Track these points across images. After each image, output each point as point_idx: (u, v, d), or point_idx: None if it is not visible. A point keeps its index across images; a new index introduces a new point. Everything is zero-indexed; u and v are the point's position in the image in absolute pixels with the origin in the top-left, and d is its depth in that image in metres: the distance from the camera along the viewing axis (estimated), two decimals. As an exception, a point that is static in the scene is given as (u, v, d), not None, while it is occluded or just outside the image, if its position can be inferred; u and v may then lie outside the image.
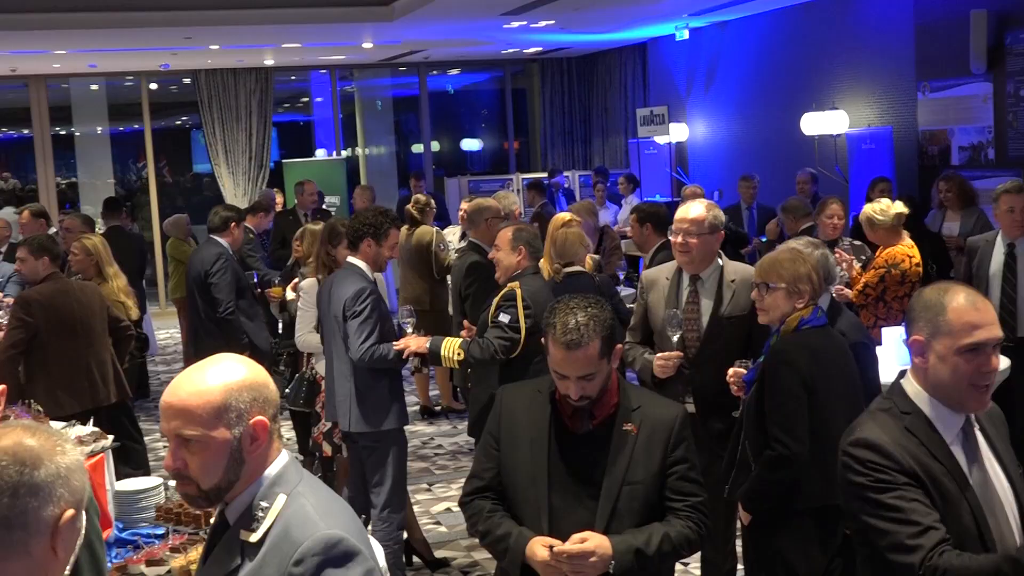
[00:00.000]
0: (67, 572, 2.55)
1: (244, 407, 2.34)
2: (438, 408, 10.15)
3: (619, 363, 3.51)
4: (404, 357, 5.64)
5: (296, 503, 2.36)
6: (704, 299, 5.10)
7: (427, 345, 5.67)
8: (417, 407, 10.08)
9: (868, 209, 7.15)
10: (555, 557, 3.21)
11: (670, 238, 5.24)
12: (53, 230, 10.01)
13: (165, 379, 12.34)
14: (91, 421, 5.47)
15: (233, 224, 8.44)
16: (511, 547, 3.32)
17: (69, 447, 2.00)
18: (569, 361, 3.28)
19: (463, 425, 9.64)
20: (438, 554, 6.61)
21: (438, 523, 7.31)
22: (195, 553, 4.16)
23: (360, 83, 19.85)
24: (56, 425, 5.07)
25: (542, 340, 3.42)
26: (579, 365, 3.28)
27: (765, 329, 4.99)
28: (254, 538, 2.33)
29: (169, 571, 4.18)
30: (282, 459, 2.44)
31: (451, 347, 5.63)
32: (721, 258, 5.18)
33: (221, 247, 8.30)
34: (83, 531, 2.59)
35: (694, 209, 5.13)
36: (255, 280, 8.98)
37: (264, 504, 2.36)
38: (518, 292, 5.56)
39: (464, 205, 10.26)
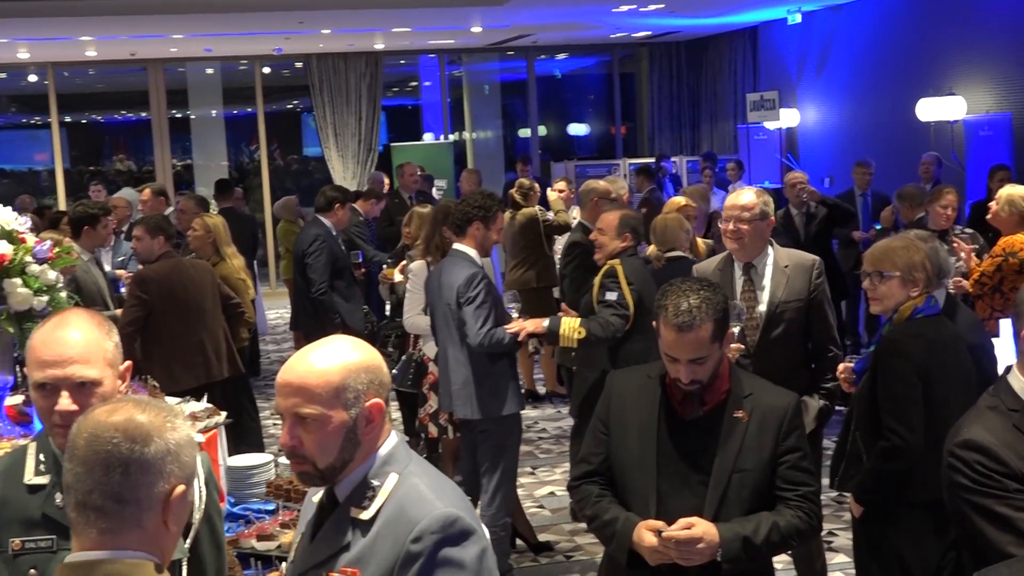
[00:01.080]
0: (186, 545, 2.63)
1: (362, 388, 2.37)
2: (542, 392, 10.16)
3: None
4: (520, 340, 5.65)
5: (408, 482, 2.38)
6: (759, 288, 5.04)
7: (545, 324, 5.67)
8: (522, 391, 10.09)
9: (1014, 191, 6.90)
10: (662, 542, 3.19)
11: (720, 226, 5.20)
12: (170, 210, 10.25)
13: (275, 358, 12.58)
14: (205, 397, 5.58)
15: (338, 205, 8.57)
16: (618, 532, 3.31)
17: (180, 423, 2.03)
18: (680, 344, 3.26)
19: (567, 409, 9.65)
20: (541, 537, 6.63)
21: (541, 507, 7.33)
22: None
23: (468, 67, 19.92)
24: (171, 401, 5.19)
25: (653, 323, 3.40)
26: (690, 348, 3.25)
27: (822, 315, 4.95)
28: (366, 515, 2.36)
29: (279, 546, 4.26)
30: (392, 439, 2.47)
31: (570, 326, 5.61)
32: (772, 245, 5.12)
33: (322, 228, 8.43)
34: (201, 505, 2.66)
35: (744, 196, 5.09)
36: (359, 259, 9.08)
37: (375, 483, 2.38)
38: (619, 269, 5.56)
39: (558, 185, 10.29)
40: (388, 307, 8.73)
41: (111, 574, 1.89)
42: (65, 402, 2.54)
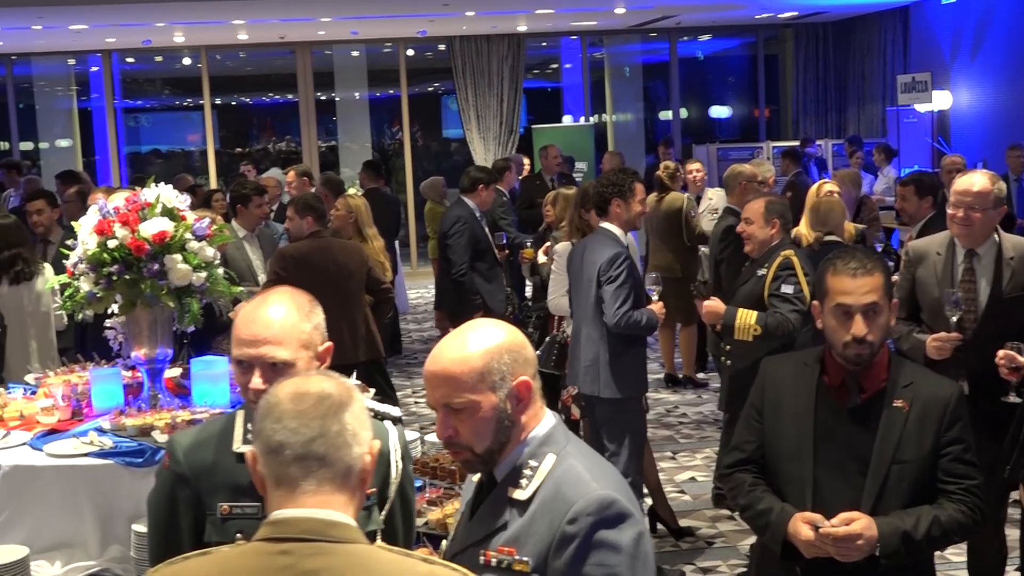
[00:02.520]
0: (381, 517, 2.74)
1: (506, 369, 2.37)
2: (681, 376, 10.06)
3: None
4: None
5: (566, 463, 2.38)
6: (981, 277, 4.77)
7: (722, 314, 5.61)
8: (661, 375, 10.04)
9: None
10: (820, 537, 3.12)
11: (948, 211, 4.93)
12: (312, 190, 10.45)
13: (416, 337, 12.75)
14: (354, 374, 5.67)
15: (482, 186, 8.60)
16: (772, 522, 3.25)
17: (359, 395, 2.09)
18: (856, 288, 3.18)
19: (708, 395, 9.56)
20: (682, 523, 6.58)
21: (682, 492, 7.27)
22: (451, 507, 4.28)
23: (610, 49, 19.81)
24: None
25: (815, 303, 3.33)
26: (866, 292, 3.18)
27: None
28: (523, 496, 2.36)
29: (427, 523, 4.32)
30: (549, 420, 2.47)
31: (746, 319, 5.53)
32: (998, 233, 4.85)
33: (465, 209, 8.48)
34: (397, 478, 2.79)
35: (978, 181, 4.76)
36: (504, 241, 9.12)
37: (533, 463, 2.39)
38: (795, 260, 5.45)
39: (692, 167, 10.16)
40: (530, 289, 8.77)
41: (307, 530, 1.96)
42: (257, 381, 2.63)
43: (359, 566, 1.95)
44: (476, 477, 2.53)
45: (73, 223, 4.83)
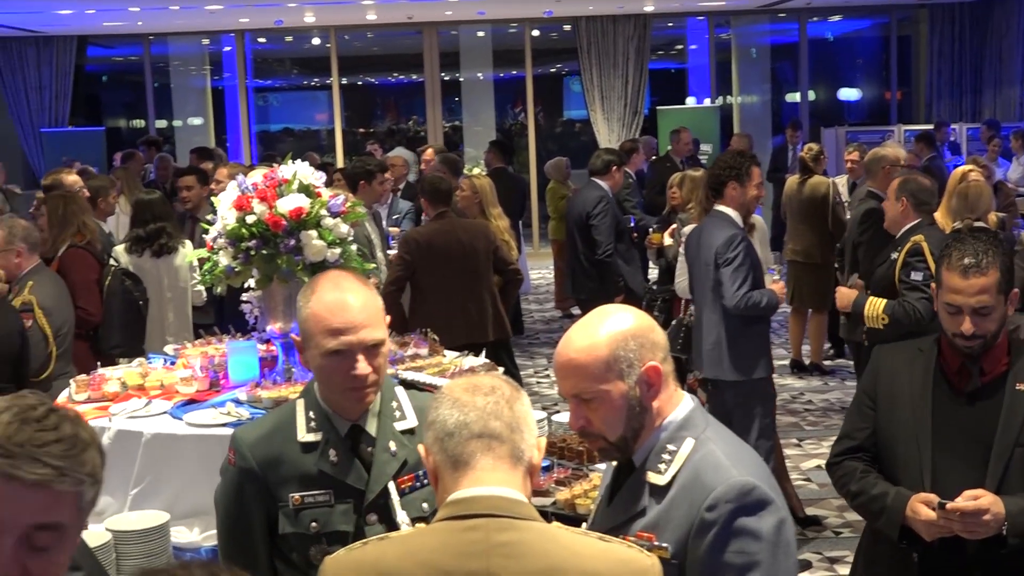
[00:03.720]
0: None
1: (633, 356, 2.35)
2: (808, 363, 9.90)
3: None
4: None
5: (705, 448, 2.35)
6: None
7: (851, 301, 5.54)
8: (787, 361, 9.89)
9: None
10: (944, 515, 3.04)
11: None
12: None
13: (537, 317, 12.78)
14: (483, 353, 5.70)
15: (614, 168, 8.57)
16: (888, 506, 3.19)
17: (524, 393, 2.19)
18: (966, 288, 3.12)
19: (835, 383, 9.41)
20: (809, 511, 6.49)
21: (808, 480, 7.17)
22: (579, 487, 4.27)
23: (737, 30, 19.53)
24: (450, 355, 5.34)
25: (932, 286, 3.26)
26: (976, 292, 3.11)
27: None
28: (662, 481, 2.34)
29: (554, 503, 4.32)
30: (687, 404, 2.44)
31: (875, 308, 5.45)
32: None
33: (602, 190, 8.45)
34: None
35: None
36: (631, 224, 9.07)
37: (671, 448, 2.37)
38: (924, 246, 5.33)
39: (850, 156, 9.92)
40: (658, 272, 8.71)
41: (493, 506, 2.01)
42: (363, 366, 2.64)
43: (546, 540, 2.00)
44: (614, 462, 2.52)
45: (213, 199, 4.94)
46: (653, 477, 2.36)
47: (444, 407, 2.09)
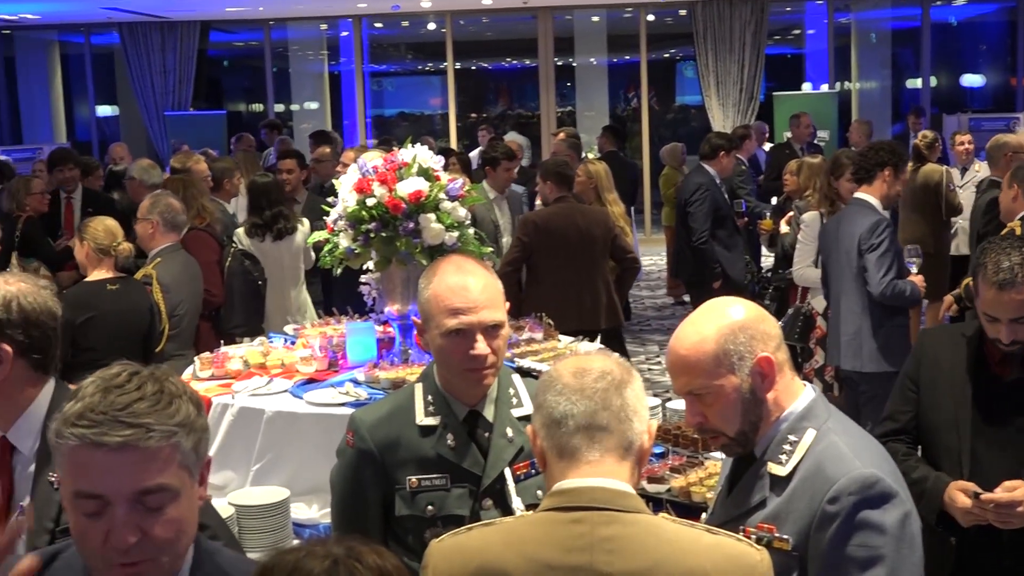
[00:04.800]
0: None
1: (743, 348, 2.32)
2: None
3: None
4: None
5: (827, 439, 2.32)
6: None
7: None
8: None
9: None
10: (978, 504, 3.03)
11: None
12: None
13: (648, 304, 12.72)
14: (598, 338, 5.69)
15: (722, 153, 8.47)
16: (928, 491, 3.17)
17: (635, 373, 2.13)
18: (1000, 302, 3.08)
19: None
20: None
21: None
22: (694, 475, 4.24)
23: (857, 14, 19.13)
24: (565, 340, 5.34)
25: (969, 283, 3.20)
26: (1011, 307, 3.07)
27: None
28: (782, 472, 2.32)
29: (668, 489, 4.30)
30: (808, 394, 2.41)
31: None
32: None
33: (706, 176, 8.37)
34: None
35: None
36: (743, 209, 8.96)
37: (792, 438, 2.34)
38: (1019, 232, 5.19)
39: (961, 138, 9.67)
40: (768, 260, 8.60)
41: (597, 499, 1.99)
42: (482, 346, 2.66)
43: (651, 535, 1.97)
44: None
45: (334, 181, 5.01)
46: (774, 468, 2.33)
47: (551, 392, 2.07)
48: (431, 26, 18.49)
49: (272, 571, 1.61)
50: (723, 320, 2.34)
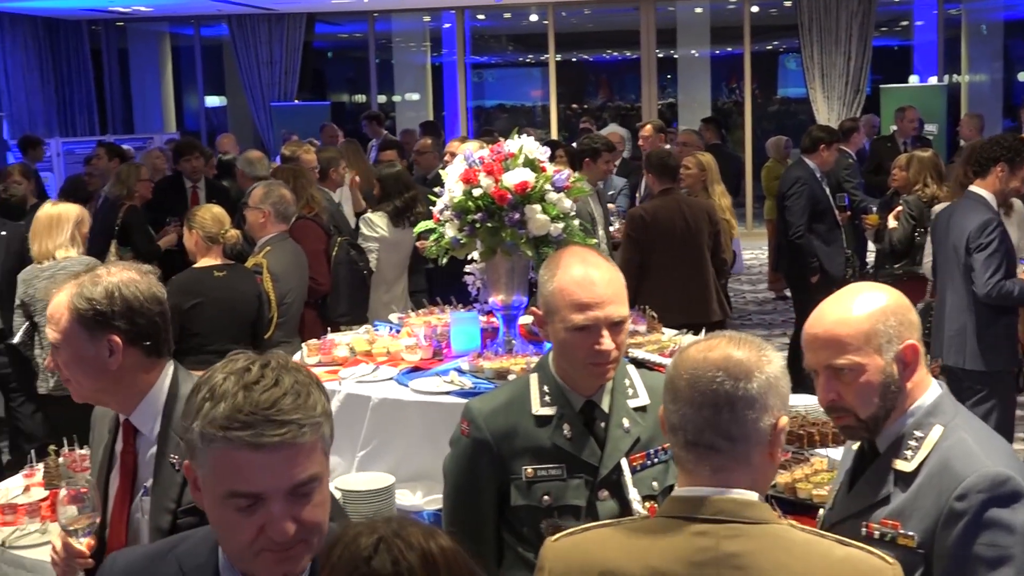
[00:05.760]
0: None
1: (892, 332, 2.29)
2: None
3: None
4: None
5: (955, 436, 2.28)
6: None
7: None
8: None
9: None
10: None
11: None
12: (667, 146, 10.45)
13: (750, 298, 12.58)
14: (703, 331, 5.65)
15: (823, 146, 8.35)
16: None
17: (773, 355, 2.05)
18: None
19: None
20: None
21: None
22: (799, 471, 4.20)
23: (968, 5, 18.67)
24: (669, 333, 5.32)
25: None
26: None
27: None
28: (908, 468, 2.28)
29: (774, 485, 4.26)
30: (935, 390, 2.37)
31: None
32: None
33: (805, 170, 8.26)
34: None
35: None
36: (845, 203, 8.82)
37: (918, 434, 2.30)
38: None
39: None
40: (873, 255, 8.46)
41: (722, 510, 1.94)
42: (607, 342, 2.65)
43: (778, 548, 1.91)
44: (855, 446, 2.46)
45: (440, 171, 5.04)
46: (899, 464, 2.30)
47: (667, 397, 2.04)
48: (533, 17, 18.50)
49: (335, 545, 1.62)
50: (876, 301, 2.33)
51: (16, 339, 5.84)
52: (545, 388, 2.77)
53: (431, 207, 4.89)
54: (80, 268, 3.15)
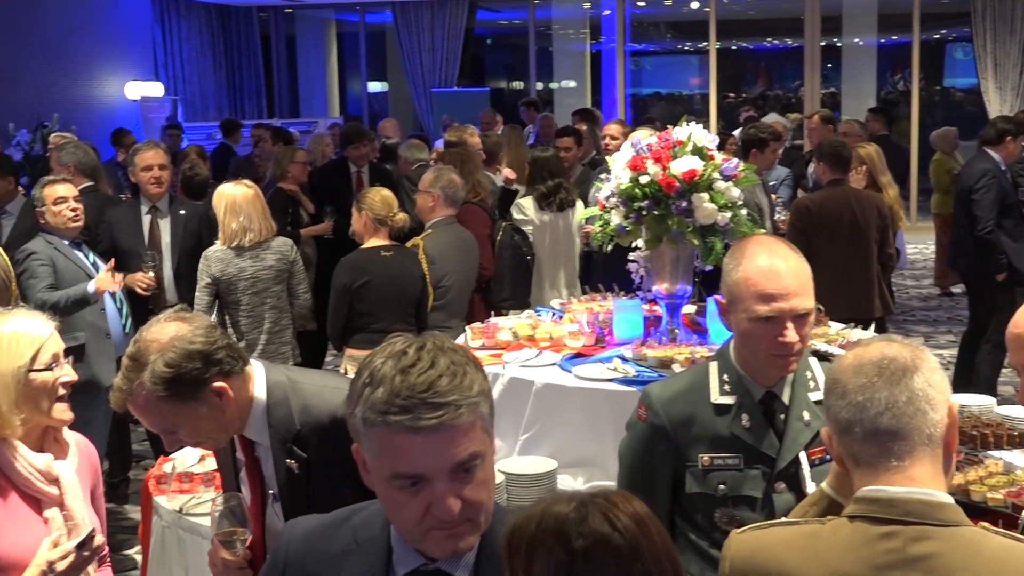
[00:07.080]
0: None
1: None
2: None
3: None
4: None
5: None
6: None
7: None
8: None
9: None
10: None
11: None
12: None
13: (913, 294, 12.25)
14: (872, 327, 5.54)
15: (1009, 138, 8.05)
16: None
17: (927, 354, 1.96)
18: None
19: None
20: None
21: None
22: (972, 473, 4.07)
23: None
24: (835, 326, 5.23)
25: None
26: None
27: None
28: None
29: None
30: None
31: None
32: None
33: (990, 162, 7.96)
34: None
35: None
36: (1025, 198, 8.50)
37: None
38: None
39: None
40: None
41: (910, 511, 1.85)
42: (792, 334, 2.60)
43: (972, 552, 1.81)
44: None
45: (607, 158, 5.04)
46: None
47: (833, 396, 1.95)
48: (694, 5, 18.30)
49: (519, 527, 1.62)
50: None
51: None
52: (725, 377, 2.75)
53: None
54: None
